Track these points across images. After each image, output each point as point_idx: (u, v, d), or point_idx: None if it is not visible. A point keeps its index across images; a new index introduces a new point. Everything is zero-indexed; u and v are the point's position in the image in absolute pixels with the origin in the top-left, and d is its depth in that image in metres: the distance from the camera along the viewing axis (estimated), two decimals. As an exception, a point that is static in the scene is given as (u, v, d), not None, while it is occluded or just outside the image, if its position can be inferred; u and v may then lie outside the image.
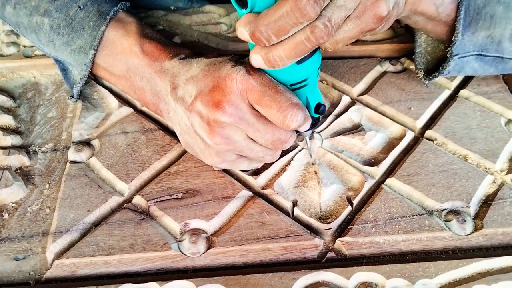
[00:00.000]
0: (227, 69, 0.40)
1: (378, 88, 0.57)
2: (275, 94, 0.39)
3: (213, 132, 0.41)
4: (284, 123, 0.39)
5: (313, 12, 0.34)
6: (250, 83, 0.39)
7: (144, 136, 0.51)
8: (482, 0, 0.47)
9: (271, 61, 0.37)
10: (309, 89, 0.42)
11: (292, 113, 0.39)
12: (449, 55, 0.49)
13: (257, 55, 0.38)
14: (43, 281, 0.41)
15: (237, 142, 0.41)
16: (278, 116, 0.39)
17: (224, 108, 0.39)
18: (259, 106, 0.39)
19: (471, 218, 0.44)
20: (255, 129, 0.40)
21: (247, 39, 0.37)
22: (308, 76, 0.40)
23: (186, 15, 0.67)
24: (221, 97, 0.39)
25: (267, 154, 0.44)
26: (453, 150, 0.50)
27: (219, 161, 0.44)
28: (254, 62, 0.38)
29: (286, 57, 0.36)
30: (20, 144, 0.52)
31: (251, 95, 0.39)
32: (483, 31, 0.48)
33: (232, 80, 0.39)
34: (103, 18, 0.49)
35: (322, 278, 0.40)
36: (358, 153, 0.51)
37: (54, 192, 0.47)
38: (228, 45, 0.62)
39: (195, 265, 0.42)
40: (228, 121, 0.39)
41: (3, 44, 0.63)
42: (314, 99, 0.42)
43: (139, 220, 0.44)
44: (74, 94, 0.53)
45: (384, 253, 0.43)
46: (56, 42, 0.51)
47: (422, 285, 0.40)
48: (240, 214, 0.45)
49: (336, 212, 0.45)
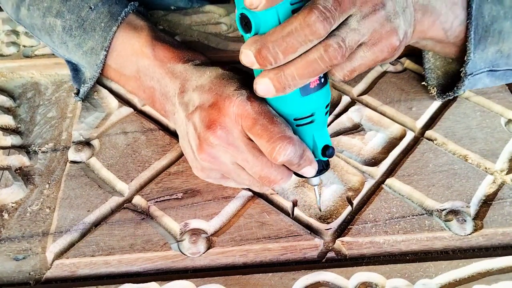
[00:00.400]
0: (231, 90, 0.39)
1: (378, 88, 0.57)
2: (268, 124, 0.37)
3: (201, 149, 0.40)
4: (272, 155, 0.37)
5: (323, 30, 0.33)
6: (246, 110, 0.38)
7: (144, 136, 0.51)
8: (490, 18, 0.47)
9: (282, 82, 0.35)
10: (316, 128, 0.39)
11: (281, 145, 0.36)
12: (463, 75, 0.49)
13: (265, 78, 0.35)
14: (43, 281, 0.41)
15: (223, 164, 0.40)
16: (267, 146, 0.37)
17: (215, 129, 0.38)
18: (251, 134, 0.38)
19: (471, 218, 0.44)
20: (243, 158, 0.39)
21: (252, 62, 0.35)
22: (315, 112, 0.38)
23: (186, 15, 0.67)
24: (216, 117, 0.39)
25: (254, 184, 0.42)
26: (453, 150, 0.50)
27: (204, 176, 0.44)
28: (260, 88, 0.36)
29: (299, 76, 0.35)
30: (20, 144, 0.52)
31: (245, 122, 0.38)
32: (492, 47, 0.48)
33: (230, 102, 0.38)
34: (114, 19, 0.49)
35: (322, 278, 0.40)
36: (358, 153, 0.51)
37: (54, 192, 0.47)
38: (228, 45, 0.62)
39: (195, 265, 0.42)
40: (216, 143, 0.39)
41: (3, 44, 0.63)
42: (321, 140, 0.39)
43: (139, 220, 0.44)
44: (80, 93, 0.54)
45: (384, 253, 0.43)
46: (68, 43, 0.51)
47: (422, 285, 0.40)
48: (240, 214, 0.45)
49: (336, 212, 0.45)
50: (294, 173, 0.41)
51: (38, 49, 0.62)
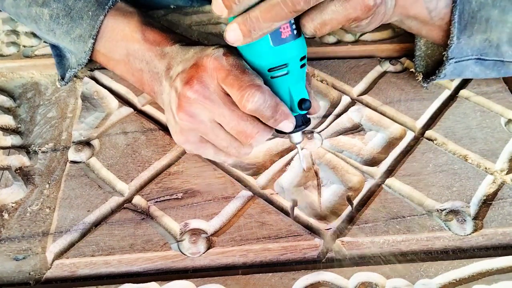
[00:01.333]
0: (209, 50, 0.41)
1: (378, 88, 0.57)
2: (240, 74, 0.38)
3: (180, 107, 0.41)
4: (241, 103, 0.38)
5: None
6: (220, 63, 0.39)
7: (144, 136, 0.51)
8: (477, 4, 0.47)
9: (247, 24, 0.36)
10: (291, 80, 0.40)
11: (249, 92, 0.37)
12: (445, 59, 0.49)
13: (233, 24, 0.37)
14: (43, 281, 0.41)
15: (202, 122, 0.41)
16: (237, 94, 0.38)
17: (192, 83, 0.39)
18: (224, 85, 0.39)
19: (471, 218, 0.44)
20: (220, 112, 0.40)
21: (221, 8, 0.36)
22: (288, 62, 0.38)
23: (186, 15, 0.67)
24: (194, 73, 0.40)
25: (231, 145, 0.42)
26: (453, 150, 0.50)
27: (183, 140, 0.44)
28: (229, 35, 0.37)
29: (263, 18, 0.35)
30: (20, 144, 0.52)
31: (219, 74, 0.39)
32: (479, 35, 0.48)
33: (207, 58, 0.40)
34: (102, 8, 0.49)
35: (322, 278, 0.40)
36: (358, 153, 0.51)
37: (54, 192, 0.47)
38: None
39: (195, 265, 0.42)
40: (193, 97, 0.40)
41: (3, 44, 0.63)
42: (297, 94, 0.40)
43: (139, 220, 0.44)
44: (66, 77, 0.54)
45: (384, 253, 0.43)
46: (56, 31, 0.52)
47: (422, 285, 0.40)
48: (240, 214, 0.45)
49: (336, 212, 0.45)
50: (276, 131, 0.42)
51: (38, 49, 0.62)
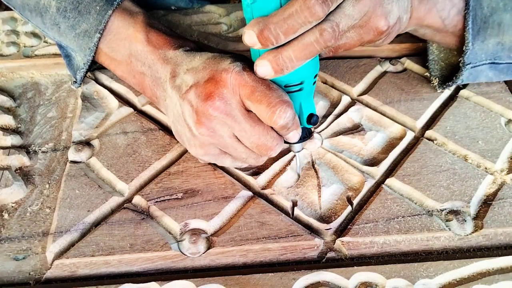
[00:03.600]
0: (226, 63, 0.41)
1: (378, 88, 0.57)
2: (266, 90, 0.39)
3: (200, 123, 0.41)
4: (272, 119, 0.39)
5: (321, 12, 0.35)
6: (243, 79, 0.39)
7: (144, 136, 0.51)
8: (489, 9, 0.48)
9: (280, 64, 0.37)
10: (303, 96, 0.41)
11: (281, 109, 0.38)
12: (461, 65, 0.50)
13: (264, 60, 0.38)
14: (43, 281, 0.41)
15: (221, 137, 0.41)
16: (267, 111, 0.38)
17: (214, 100, 0.39)
18: (250, 101, 0.39)
19: (471, 218, 0.44)
20: (241, 128, 0.40)
21: (254, 43, 0.37)
22: (304, 80, 0.40)
23: (186, 15, 0.67)
24: (214, 89, 0.40)
25: (250, 157, 0.43)
26: (453, 150, 0.50)
27: (202, 153, 0.44)
28: (261, 70, 0.38)
29: (296, 58, 0.37)
30: (20, 144, 0.52)
31: (243, 90, 0.39)
32: (492, 39, 0.49)
33: (227, 74, 0.40)
34: (110, 3, 0.49)
35: (322, 278, 0.40)
36: (358, 153, 0.51)
37: (54, 192, 0.47)
38: (228, 45, 0.62)
39: (195, 265, 0.42)
40: (214, 114, 0.40)
41: (3, 44, 0.63)
42: (307, 108, 0.42)
43: (139, 220, 0.44)
44: (77, 79, 0.54)
45: (384, 253, 0.43)
46: (61, 25, 0.51)
47: (422, 285, 0.40)
48: (240, 214, 0.45)
49: (336, 212, 0.45)
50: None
51: (38, 49, 0.62)
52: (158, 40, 0.48)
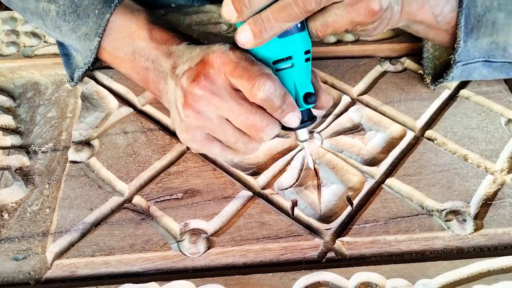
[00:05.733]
0: (216, 46, 0.41)
1: (378, 88, 0.57)
2: (248, 65, 0.38)
3: (186, 104, 0.41)
4: (252, 91, 0.38)
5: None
6: (227, 57, 0.39)
7: (144, 136, 0.51)
8: (483, 8, 0.47)
9: (259, 25, 0.36)
10: (296, 74, 0.40)
11: (260, 81, 0.37)
12: (452, 62, 0.50)
13: (244, 25, 0.37)
14: (43, 281, 0.41)
15: (208, 119, 0.41)
16: (247, 85, 0.38)
17: (200, 80, 0.39)
18: (232, 77, 0.39)
19: (471, 218, 0.44)
20: (228, 107, 0.40)
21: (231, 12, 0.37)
22: (293, 55, 0.39)
23: (186, 15, 0.67)
24: (201, 70, 0.40)
25: (239, 140, 0.42)
26: (453, 150, 0.50)
27: (189, 138, 0.43)
28: (240, 37, 0.38)
29: (274, 19, 0.36)
30: (20, 144, 0.52)
31: (226, 67, 0.39)
32: (486, 38, 0.48)
33: (213, 54, 0.40)
34: (108, 5, 0.49)
35: (322, 278, 0.40)
36: (358, 153, 0.51)
37: (54, 192, 0.47)
38: (228, 44, 0.62)
39: (195, 265, 0.42)
40: (200, 93, 0.39)
41: (3, 44, 0.63)
42: (302, 87, 0.40)
43: (139, 220, 0.44)
44: (74, 78, 0.54)
45: (384, 253, 0.43)
46: (62, 28, 0.51)
47: (422, 285, 0.40)
48: (240, 214, 0.45)
49: (336, 212, 0.45)
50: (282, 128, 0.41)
51: (38, 49, 0.62)
52: (161, 36, 0.48)
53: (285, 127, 0.41)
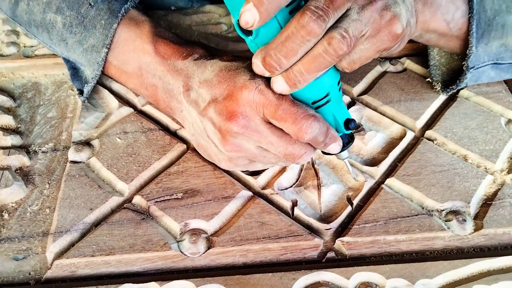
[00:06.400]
0: (244, 79, 0.39)
1: (378, 88, 0.57)
2: (291, 107, 0.38)
3: (225, 141, 0.41)
4: (299, 134, 0.38)
5: (318, 28, 0.34)
6: (266, 98, 0.38)
7: (144, 136, 0.51)
8: (492, 12, 0.47)
9: (292, 78, 0.36)
10: (333, 106, 0.40)
11: (306, 124, 0.37)
12: (465, 68, 0.50)
13: (278, 77, 0.37)
14: (43, 281, 0.41)
15: (248, 150, 0.41)
16: (292, 128, 0.38)
17: (237, 119, 0.39)
18: (275, 120, 0.38)
19: (471, 218, 0.44)
20: (268, 141, 0.40)
21: (262, 71, 0.37)
22: (329, 91, 0.39)
23: (186, 15, 0.67)
24: (235, 108, 0.39)
25: (279, 161, 0.43)
26: (453, 150, 0.50)
27: (232, 166, 0.44)
28: (276, 87, 0.38)
29: (306, 71, 0.36)
30: (20, 144, 0.52)
31: (267, 109, 0.38)
32: (496, 41, 0.49)
33: (249, 92, 0.39)
34: (114, 16, 0.49)
35: (322, 278, 0.40)
36: (358, 153, 0.51)
37: (54, 192, 0.47)
38: (228, 45, 0.62)
39: (195, 265, 0.42)
40: (240, 132, 0.39)
41: (3, 44, 0.63)
42: (341, 115, 0.41)
43: (139, 220, 0.44)
44: (84, 93, 0.53)
45: (384, 253, 0.43)
46: (68, 40, 0.51)
47: (422, 285, 0.40)
48: (240, 214, 0.45)
49: (336, 212, 0.45)
50: (322, 152, 0.43)
51: (38, 49, 0.62)
52: (166, 50, 0.47)
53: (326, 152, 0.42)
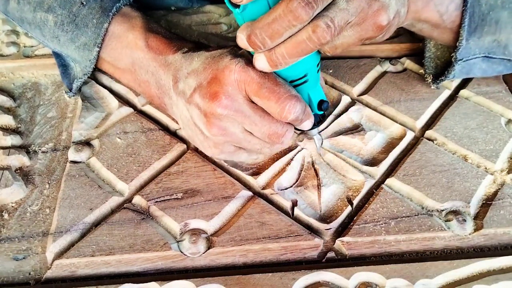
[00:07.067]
0: (226, 61, 0.40)
1: (378, 88, 0.57)
2: (274, 86, 0.39)
3: (210, 124, 0.41)
4: (282, 115, 0.39)
5: (305, 15, 0.34)
6: (248, 75, 0.39)
7: (144, 136, 0.51)
8: (487, 6, 0.47)
9: (274, 60, 0.37)
10: (310, 86, 0.42)
11: (290, 104, 0.38)
12: (453, 60, 0.50)
13: (261, 55, 0.38)
14: (43, 281, 0.41)
15: (234, 134, 0.42)
16: (276, 107, 0.39)
17: (220, 99, 0.39)
18: (257, 97, 0.39)
19: (471, 218, 0.44)
20: (251, 121, 0.40)
21: (246, 45, 0.37)
22: (307, 72, 0.40)
23: (186, 15, 0.67)
24: (218, 88, 0.39)
25: (264, 146, 0.44)
26: (453, 150, 0.50)
27: (218, 152, 0.44)
28: (258, 64, 0.38)
29: (288, 55, 0.36)
30: (20, 144, 0.52)
31: (249, 87, 0.39)
32: (488, 36, 0.48)
33: (230, 71, 0.39)
34: (106, 15, 0.49)
35: (322, 278, 0.40)
36: (358, 153, 0.51)
37: (54, 192, 0.47)
38: (228, 45, 0.62)
39: (195, 265, 0.42)
40: (224, 113, 0.40)
41: (3, 44, 0.63)
42: (316, 96, 0.42)
43: (139, 220, 0.44)
44: (73, 89, 0.53)
45: (384, 253, 0.43)
46: (60, 38, 0.51)
47: (422, 285, 0.40)
48: (240, 214, 0.45)
49: (336, 212, 0.45)
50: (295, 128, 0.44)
51: (38, 49, 0.62)
52: (157, 45, 0.48)
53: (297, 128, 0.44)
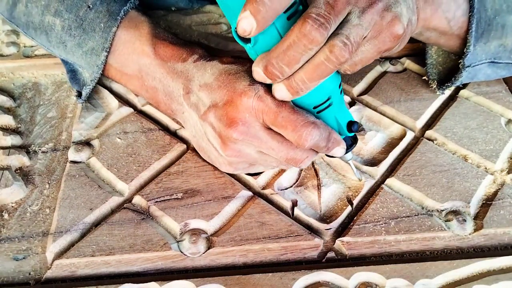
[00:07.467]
0: (244, 85, 0.39)
1: (378, 88, 0.57)
2: (290, 114, 0.38)
3: (225, 146, 0.41)
4: (300, 142, 0.38)
5: (320, 36, 0.33)
6: (266, 104, 0.38)
7: (144, 136, 0.51)
8: (493, 11, 0.47)
9: (294, 87, 0.36)
10: (335, 109, 0.40)
11: (306, 131, 0.37)
12: (461, 66, 0.50)
13: (280, 84, 0.37)
14: (43, 281, 0.41)
15: (249, 155, 0.41)
16: (292, 135, 0.38)
17: (237, 126, 0.39)
18: (274, 127, 0.38)
19: (471, 218, 0.44)
20: (268, 146, 0.40)
21: (264, 78, 0.36)
22: (331, 95, 0.39)
23: (186, 15, 0.67)
24: (235, 114, 0.39)
25: (281, 164, 0.43)
26: (453, 150, 0.50)
27: (232, 170, 0.45)
28: (278, 94, 0.37)
29: (308, 79, 0.35)
30: (20, 144, 0.52)
31: (266, 116, 0.38)
32: (495, 41, 0.48)
33: (248, 98, 0.38)
34: (114, 18, 0.48)
35: (322, 278, 0.40)
36: (358, 153, 0.51)
37: (54, 192, 0.47)
38: (228, 45, 0.62)
39: (195, 265, 0.42)
40: (239, 138, 0.39)
41: (3, 44, 0.63)
42: (343, 118, 0.41)
43: (139, 220, 0.44)
44: (83, 95, 0.53)
45: (384, 253, 0.43)
46: (67, 43, 0.50)
47: (422, 285, 0.40)
48: (240, 214, 0.45)
49: (336, 212, 0.45)
50: (326, 155, 0.43)
51: (38, 49, 0.62)
52: (165, 52, 0.47)
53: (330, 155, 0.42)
